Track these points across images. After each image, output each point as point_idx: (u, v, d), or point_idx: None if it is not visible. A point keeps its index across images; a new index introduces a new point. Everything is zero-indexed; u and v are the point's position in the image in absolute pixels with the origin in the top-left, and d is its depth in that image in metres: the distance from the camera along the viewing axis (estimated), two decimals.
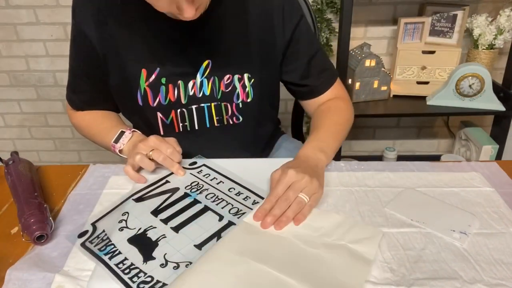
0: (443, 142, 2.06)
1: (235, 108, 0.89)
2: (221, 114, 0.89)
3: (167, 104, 0.85)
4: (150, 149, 0.75)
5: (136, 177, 0.75)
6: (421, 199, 0.72)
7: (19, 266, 0.58)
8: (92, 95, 0.92)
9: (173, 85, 0.84)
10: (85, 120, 0.94)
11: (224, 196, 0.71)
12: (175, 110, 0.86)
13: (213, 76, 0.85)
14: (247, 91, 0.87)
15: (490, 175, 0.78)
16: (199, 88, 0.85)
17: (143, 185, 0.74)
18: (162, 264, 0.57)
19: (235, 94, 0.87)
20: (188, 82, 0.84)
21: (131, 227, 0.64)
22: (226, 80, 0.85)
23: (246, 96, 0.88)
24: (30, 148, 2.14)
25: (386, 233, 0.64)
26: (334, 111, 0.91)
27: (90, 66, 0.86)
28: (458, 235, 0.63)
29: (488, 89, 1.53)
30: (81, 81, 0.90)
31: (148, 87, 0.83)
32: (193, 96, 0.86)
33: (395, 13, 1.74)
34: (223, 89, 0.86)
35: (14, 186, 0.72)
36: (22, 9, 1.77)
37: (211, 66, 0.84)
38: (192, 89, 0.85)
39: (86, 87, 0.91)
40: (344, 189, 0.75)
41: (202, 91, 0.86)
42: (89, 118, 0.94)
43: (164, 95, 0.84)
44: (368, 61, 1.58)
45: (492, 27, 1.59)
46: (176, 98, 0.85)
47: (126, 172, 0.75)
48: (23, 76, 1.93)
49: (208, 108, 0.87)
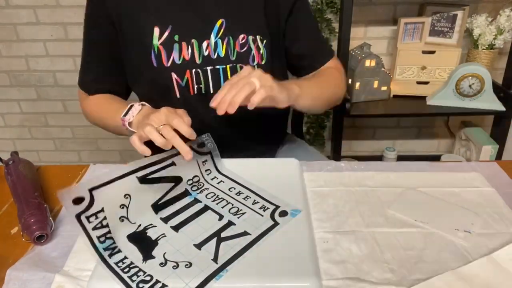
0: (443, 142, 2.06)
1: None
2: None
3: (181, 63, 0.83)
4: (161, 123, 0.68)
5: (142, 148, 0.68)
6: (422, 199, 0.72)
7: (19, 266, 0.58)
8: (103, 72, 0.92)
9: (187, 43, 0.83)
10: (95, 104, 0.93)
11: (225, 195, 0.71)
12: (189, 70, 0.84)
13: (227, 36, 0.84)
14: (261, 53, 0.87)
15: (490, 175, 0.78)
16: (213, 49, 0.84)
17: (148, 160, 0.68)
18: (161, 263, 0.57)
19: (250, 55, 0.86)
20: (202, 42, 0.84)
21: (132, 221, 0.64)
22: (241, 40, 0.85)
23: (260, 58, 0.87)
24: (30, 148, 2.13)
25: (386, 233, 0.64)
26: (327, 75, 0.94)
27: (103, 41, 0.87)
28: (463, 234, 0.63)
29: (488, 89, 1.53)
30: (92, 59, 0.91)
31: (161, 45, 0.82)
32: (208, 57, 0.84)
33: (395, 13, 1.74)
34: (238, 50, 0.85)
35: (14, 186, 0.72)
36: (22, 9, 1.76)
37: (225, 26, 0.84)
38: (207, 50, 0.84)
39: (97, 65, 0.92)
40: (344, 189, 0.75)
41: (216, 52, 0.85)
42: (98, 102, 0.93)
43: (178, 54, 0.83)
44: (368, 61, 1.58)
45: (492, 27, 1.59)
46: (190, 57, 0.83)
47: (132, 142, 0.69)
48: (23, 76, 1.92)
49: (224, 70, 0.86)
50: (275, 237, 0.61)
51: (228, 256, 0.58)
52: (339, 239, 0.63)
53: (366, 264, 0.58)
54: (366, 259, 0.59)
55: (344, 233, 0.64)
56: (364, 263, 0.58)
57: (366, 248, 0.61)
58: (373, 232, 0.64)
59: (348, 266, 0.58)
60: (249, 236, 0.62)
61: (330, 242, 0.62)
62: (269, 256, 0.58)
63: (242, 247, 0.59)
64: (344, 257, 0.59)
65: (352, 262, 0.59)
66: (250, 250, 0.59)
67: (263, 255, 0.58)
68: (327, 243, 0.62)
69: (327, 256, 0.60)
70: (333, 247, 0.61)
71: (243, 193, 0.72)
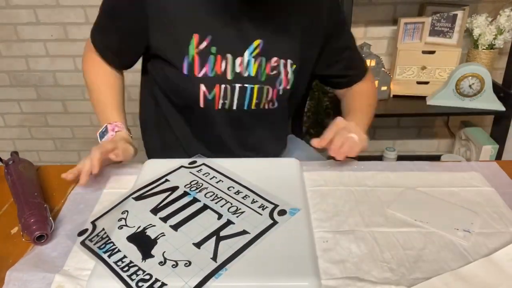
0: (443, 142, 2.06)
1: (275, 94, 0.88)
2: (261, 98, 0.88)
3: (213, 76, 0.83)
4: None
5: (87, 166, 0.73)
6: (422, 198, 0.72)
7: (19, 267, 0.58)
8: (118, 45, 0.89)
9: (222, 57, 0.82)
10: (93, 82, 0.93)
11: (223, 194, 0.71)
12: (219, 85, 0.84)
13: (261, 57, 0.84)
14: (289, 78, 0.87)
15: (490, 175, 0.78)
16: (245, 67, 0.84)
17: (142, 184, 0.74)
18: (160, 262, 0.57)
19: (278, 79, 0.87)
20: (236, 57, 0.83)
21: (130, 225, 0.64)
22: (273, 63, 0.85)
23: (287, 83, 0.88)
24: (30, 148, 2.14)
25: (385, 233, 0.64)
26: (366, 94, 1.01)
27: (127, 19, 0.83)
28: (462, 233, 0.63)
29: (488, 89, 1.53)
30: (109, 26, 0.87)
31: (197, 54, 0.81)
32: (239, 74, 0.84)
33: (395, 13, 1.74)
34: (268, 72, 0.85)
35: (14, 186, 0.72)
36: (22, 9, 1.76)
37: (261, 46, 0.84)
38: (239, 67, 0.84)
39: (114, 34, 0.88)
40: (344, 189, 0.75)
41: (247, 71, 0.85)
42: (97, 82, 0.92)
43: (211, 66, 0.82)
44: (368, 61, 1.58)
45: (492, 27, 1.59)
46: (222, 72, 0.83)
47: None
48: (23, 76, 1.93)
49: (251, 89, 0.86)
50: (275, 236, 0.61)
51: (227, 254, 0.58)
52: (339, 238, 0.63)
53: (366, 264, 0.58)
54: (366, 258, 0.59)
55: (344, 233, 0.64)
56: (363, 262, 0.58)
57: (366, 247, 0.61)
58: (372, 232, 0.64)
59: (348, 266, 0.58)
60: (248, 235, 0.62)
61: (330, 241, 0.62)
62: (269, 255, 0.58)
63: (241, 246, 0.59)
64: (344, 257, 0.59)
65: (351, 261, 0.59)
66: (249, 249, 0.59)
67: (262, 254, 0.58)
68: (326, 243, 0.62)
69: (327, 256, 0.60)
70: (332, 246, 0.61)
71: (242, 192, 0.72)
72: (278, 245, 0.60)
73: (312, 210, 0.69)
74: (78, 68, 1.86)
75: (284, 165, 0.80)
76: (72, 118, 2.02)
